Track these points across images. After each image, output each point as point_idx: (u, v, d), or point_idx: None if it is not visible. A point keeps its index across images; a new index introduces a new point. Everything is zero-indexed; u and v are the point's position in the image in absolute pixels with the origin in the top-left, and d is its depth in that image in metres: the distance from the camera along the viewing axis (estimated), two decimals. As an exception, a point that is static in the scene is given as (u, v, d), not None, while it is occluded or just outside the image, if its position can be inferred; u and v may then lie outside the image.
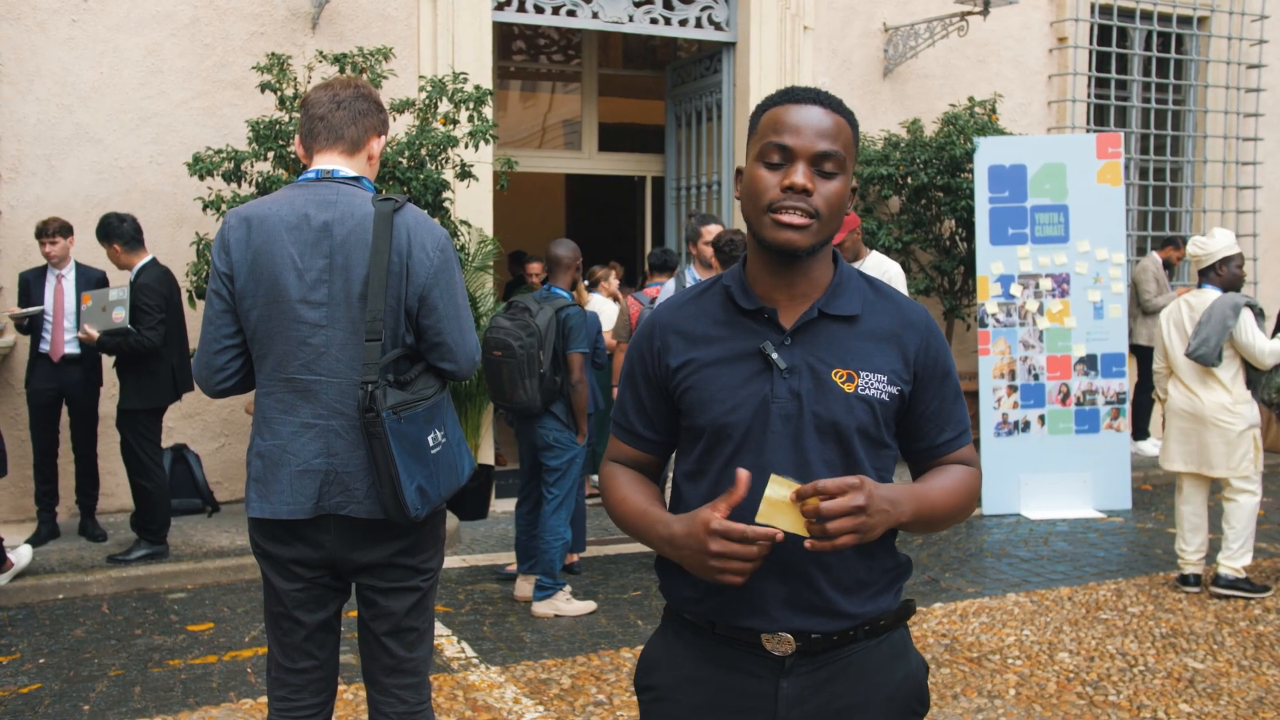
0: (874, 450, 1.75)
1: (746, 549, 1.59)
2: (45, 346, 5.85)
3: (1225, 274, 5.45)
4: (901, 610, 1.81)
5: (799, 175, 1.67)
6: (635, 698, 1.96)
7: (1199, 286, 5.53)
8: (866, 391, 1.72)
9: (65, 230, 5.84)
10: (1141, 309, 8.69)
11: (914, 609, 1.87)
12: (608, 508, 1.88)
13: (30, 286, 5.87)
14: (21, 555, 5.48)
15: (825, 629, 1.72)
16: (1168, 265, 8.91)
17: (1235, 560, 5.39)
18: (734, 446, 1.73)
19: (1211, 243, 5.48)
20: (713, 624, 1.77)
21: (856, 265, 5.88)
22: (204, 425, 6.83)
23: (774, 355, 1.72)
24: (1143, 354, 8.73)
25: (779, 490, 1.59)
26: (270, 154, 6.01)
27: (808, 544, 1.59)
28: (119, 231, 5.71)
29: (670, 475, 1.92)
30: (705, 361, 1.76)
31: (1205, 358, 5.29)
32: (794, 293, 1.76)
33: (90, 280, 5.90)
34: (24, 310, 5.71)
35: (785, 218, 1.68)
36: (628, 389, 1.89)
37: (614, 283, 7.88)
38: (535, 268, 8.29)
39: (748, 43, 8.10)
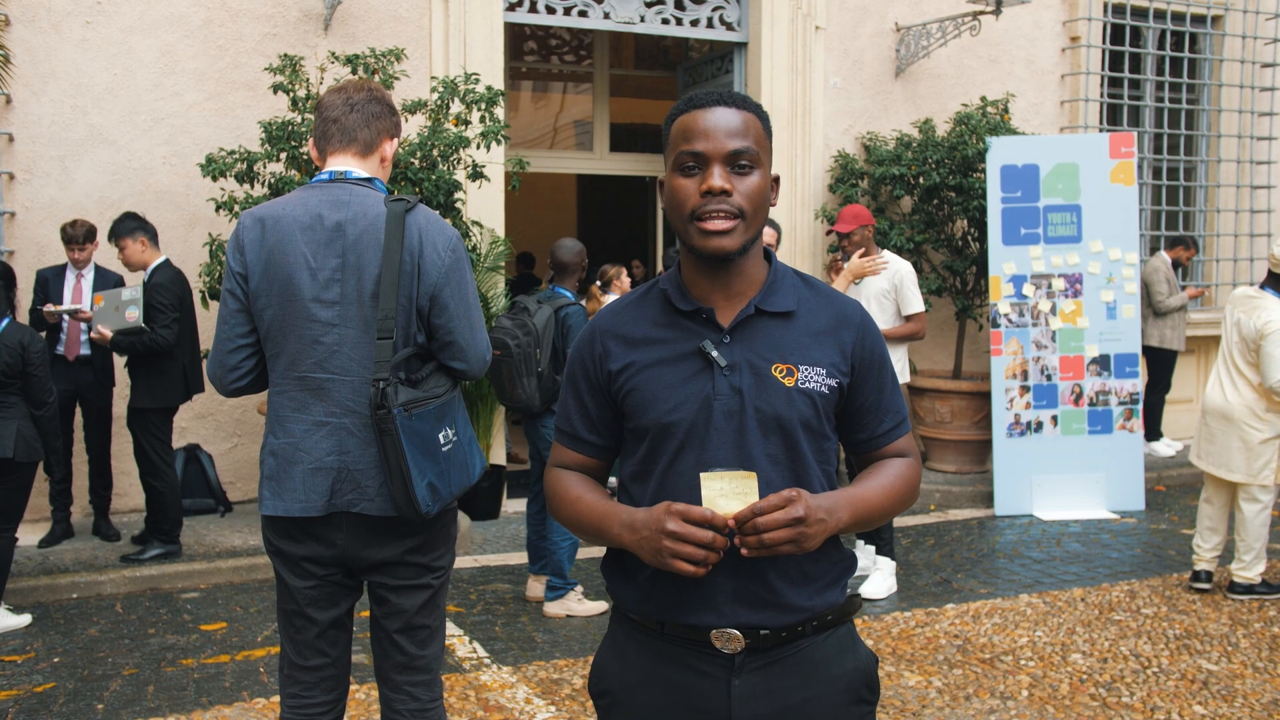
0: (816, 442, 1.79)
1: (701, 533, 1.61)
2: (60, 348, 5.88)
3: None
4: (847, 605, 1.83)
5: (716, 178, 1.70)
6: None
7: (1261, 288, 5.23)
8: (807, 385, 1.76)
9: (91, 234, 5.89)
10: (1153, 310, 8.61)
11: (860, 604, 1.89)
12: (557, 509, 1.89)
13: (49, 284, 5.89)
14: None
15: (774, 623, 1.74)
16: (1177, 265, 8.85)
17: (1249, 570, 5.35)
18: (678, 444, 1.75)
19: None
20: (662, 624, 1.78)
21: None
22: (217, 425, 6.86)
23: (714, 353, 1.75)
24: (1154, 356, 8.68)
25: (713, 485, 1.65)
26: (283, 155, 6.03)
27: (744, 551, 1.63)
28: (136, 231, 5.75)
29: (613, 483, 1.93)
30: (646, 363, 1.79)
31: None
32: (730, 292, 1.80)
33: (108, 283, 5.93)
34: (62, 308, 5.72)
35: (710, 224, 1.71)
36: (570, 395, 1.90)
37: (626, 282, 7.87)
38: None
39: (759, 43, 8.09)
